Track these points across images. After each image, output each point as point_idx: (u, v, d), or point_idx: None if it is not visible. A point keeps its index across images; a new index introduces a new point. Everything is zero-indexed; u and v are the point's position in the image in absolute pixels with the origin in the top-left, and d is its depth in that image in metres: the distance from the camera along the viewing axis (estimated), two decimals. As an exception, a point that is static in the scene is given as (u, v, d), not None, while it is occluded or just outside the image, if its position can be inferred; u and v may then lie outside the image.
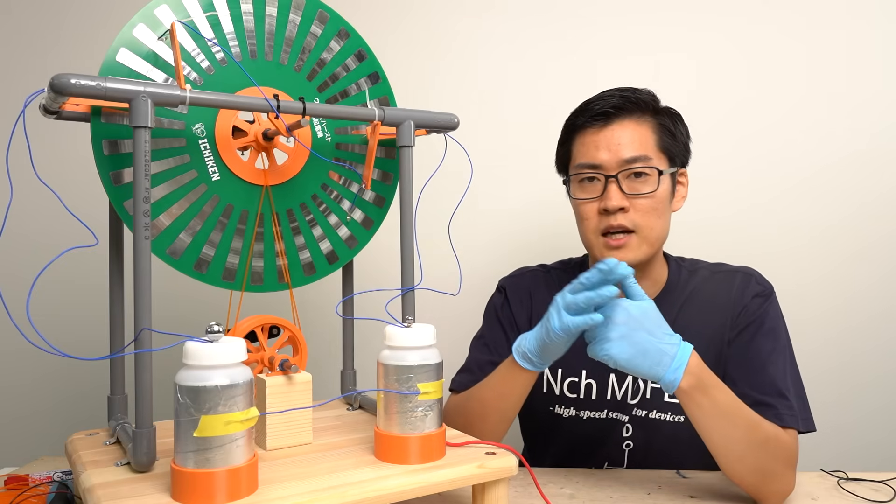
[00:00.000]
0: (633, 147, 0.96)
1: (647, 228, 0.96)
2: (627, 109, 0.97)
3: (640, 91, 1.00)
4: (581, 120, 1.00)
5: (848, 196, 1.42)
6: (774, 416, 0.88)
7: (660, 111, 1.00)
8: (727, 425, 0.83)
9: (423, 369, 0.72)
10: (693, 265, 1.07)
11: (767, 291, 1.00)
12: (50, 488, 0.85)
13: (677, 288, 1.04)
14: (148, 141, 0.66)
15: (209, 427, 0.59)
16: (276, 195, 0.85)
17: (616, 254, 0.96)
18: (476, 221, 1.46)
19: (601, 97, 1.00)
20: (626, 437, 1.03)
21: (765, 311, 0.98)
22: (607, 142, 0.97)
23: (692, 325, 1.00)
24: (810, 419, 0.93)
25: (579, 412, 1.04)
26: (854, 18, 1.41)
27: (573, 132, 1.02)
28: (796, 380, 0.95)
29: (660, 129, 0.98)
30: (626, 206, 0.95)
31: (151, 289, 0.66)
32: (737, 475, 0.86)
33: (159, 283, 0.83)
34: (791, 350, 0.97)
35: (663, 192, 0.97)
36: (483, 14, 1.47)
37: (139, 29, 0.76)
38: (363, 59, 0.91)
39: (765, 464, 0.84)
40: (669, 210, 1.00)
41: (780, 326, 0.98)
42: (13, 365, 1.45)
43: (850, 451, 1.41)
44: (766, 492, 0.86)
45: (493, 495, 0.74)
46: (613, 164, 0.96)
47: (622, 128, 0.97)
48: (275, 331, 0.81)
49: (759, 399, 0.91)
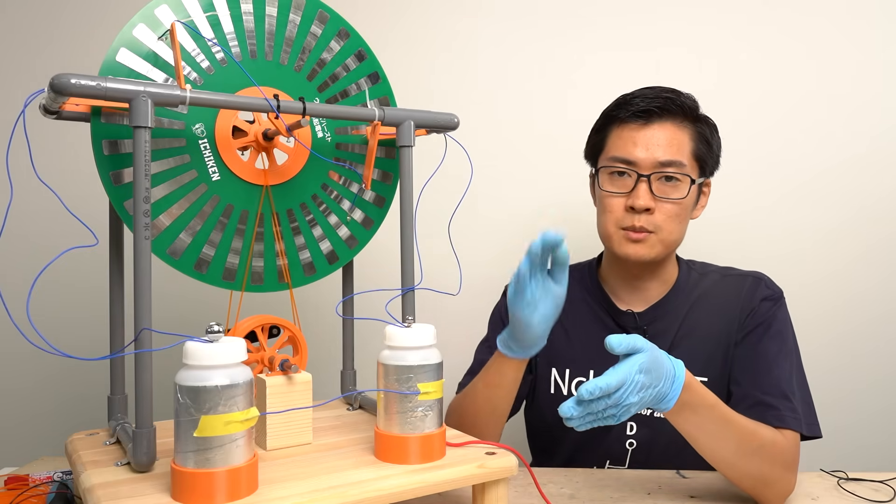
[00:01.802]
0: (671, 151, 0.96)
1: (667, 231, 0.97)
2: (670, 111, 0.97)
3: (684, 95, 1.00)
4: (622, 113, 0.99)
5: (849, 199, 1.41)
6: (775, 417, 0.88)
7: (700, 119, 1.00)
8: (715, 438, 0.82)
9: (423, 369, 0.72)
10: (703, 268, 1.08)
11: (777, 295, 1.00)
12: (50, 488, 0.85)
13: (686, 289, 1.04)
14: (148, 141, 0.66)
15: (209, 427, 0.59)
16: (276, 195, 0.85)
17: (632, 247, 0.97)
18: (476, 221, 1.46)
19: (644, 94, 0.99)
20: (630, 436, 1.03)
21: (773, 314, 0.98)
22: (646, 140, 0.96)
23: (700, 326, 1.00)
24: (816, 425, 0.92)
25: None
26: (854, 18, 1.40)
27: (611, 123, 1.01)
28: (803, 384, 0.95)
29: (697, 137, 0.99)
30: (652, 206, 0.96)
31: (151, 289, 0.66)
32: (733, 480, 0.86)
33: (159, 283, 0.83)
34: (798, 355, 0.97)
35: (689, 200, 0.98)
36: (483, 13, 1.47)
37: (139, 29, 0.76)
38: (363, 59, 0.91)
39: (760, 470, 0.84)
40: (689, 217, 1.01)
41: (788, 331, 0.98)
42: (13, 365, 1.45)
43: (850, 452, 1.41)
44: (766, 494, 0.85)
45: (493, 495, 0.74)
46: (648, 164, 0.96)
47: (662, 129, 0.97)
48: (275, 331, 0.81)
49: (761, 399, 0.90)
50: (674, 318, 1.02)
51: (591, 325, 1.04)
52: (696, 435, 0.82)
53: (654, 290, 1.04)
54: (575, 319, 1.05)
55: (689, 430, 0.82)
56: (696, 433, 0.82)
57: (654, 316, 1.03)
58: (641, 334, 0.93)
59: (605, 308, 1.06)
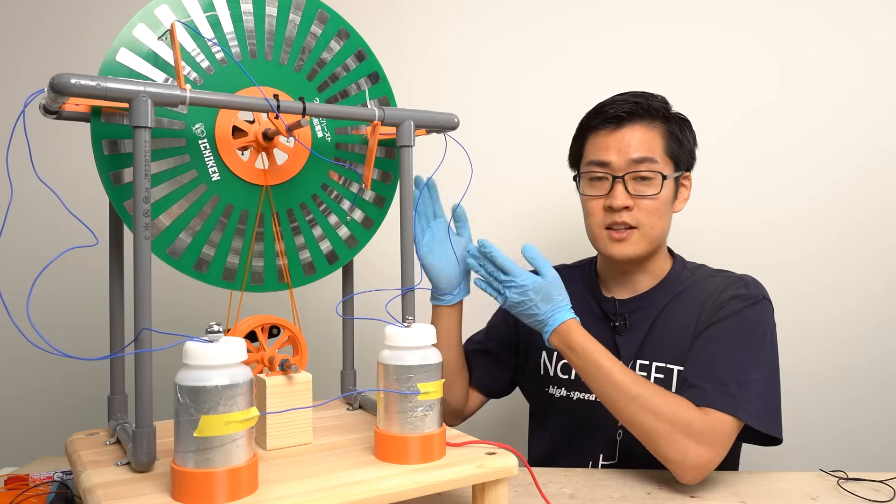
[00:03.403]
0: (642, 150, 1.02)
1: (649, 227, 1.02)
2: (639, 115, 1.03)
3: (653, 97, 1.06)
4: (595, 121, 1.06)
5: (862, 202, 1.41)
6: (697, 396, 0.90)
7: (670, 118, 1.05)
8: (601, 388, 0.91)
9: (423, 369, 0.72)
10: (698, 268, 1.10)
11: (753, 297, 0.99)
12: (50, 488, 0.85)
13: (672, 284, 1.07)
14: (148, 141, 0.66)
15: (209, 427, 0.59)
16: (276, 195, 0.85)
17: (617, 246, 1.03)
18: (476, 221, 1.45)
19: (615, 101, 1.06)
20: (619, 427, 1.04)
21: (741, 312, 0.97)
22: (618, 144, 1.03)
23: (675, 318, 1.04)
24: (774, 424, 0.92)
25: (570, 393, 1.08)
26: (864, 16, 1.40)
27: (587, 132, 1.08)
28: (766, 385, 0.93)
29: (668, 135, 1.04)
30: (630, 205, 1.02)
31: (151, 289, 0.66)
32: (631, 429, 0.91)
33: (159, 283, 0.83)
34: (766, 357, 0.95)
35: (666, 195, 1.03)
36: (484, 13, 1.47)
37: (139, 29, 0.76)
38: (363, 59, 0.91)
39: (651, 439, 0.88)
40: (671, 211, 1.06)
41: (757, 332, 0.97)
42: (13, 365, 1.45)
43: (850, 452, 1.41)
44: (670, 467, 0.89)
45: (493, 495, 0.74)
46: (621, 166, 1.02)
47: (633, 131, 1.03)
48: (275, 331, 0.81)
49: (693, 382, 0.93)
50: (653, 310, 1.06)
51: (580, 312, 1.06)
52: (582, 376, 0.93)
53: (642, 283, 1.08)
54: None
55: (576, 369, 0.94)
56: (581, 374, 0.93)
57: (635, 305, 1.07)
58: (620, 321, 1.07)
59: (594, 296, 1.12)
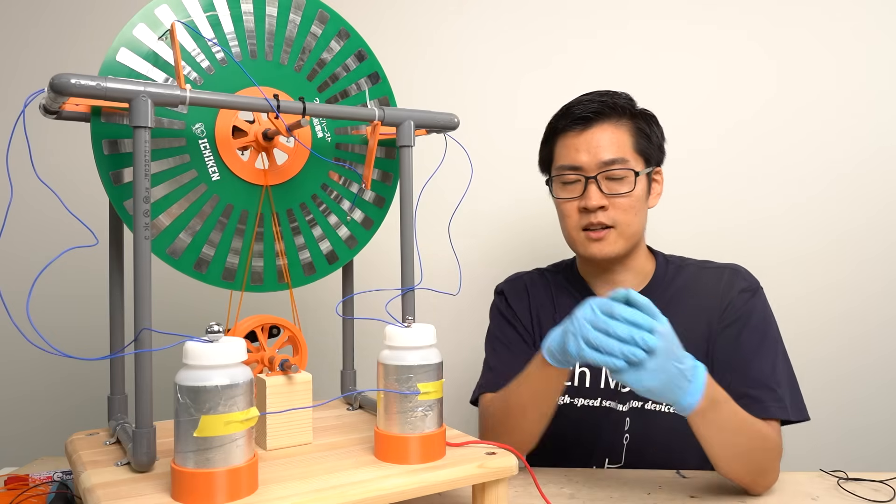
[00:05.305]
0: (611, 150, 1.02)
1: (625, 224, 1.02)
2: (606, 114, 1.03)
3: (618, 95, 1.06)
4: (562, 123, 1.06)
5: (861, 202, 1.41)
6: (760, 410, 0.91)
7: (636, 114, 1.06)
8: (732, 435, 0.84)
9: (423, 369, 0.72)
10: (681, 262, 1.11)
11: (754, 286, 1.03)
12: (50, 488, 0.85)
13: (663, 283, 1.08)
14: (148, 141, 0.66)
15: (209, 427, 0.59)
16: (276, 195, 0.85)
17: (595, 246, 1.02)
18: (476, 221, 1.46)
19: (581, 101, 1.05)
20: (626, 431, 1.03)
21: (752, 305, 1.01)
22: (587, 145, 1.02)
23: (679, 320, 1.00)
24: (803, 409, 0.96)
25: (573, 399, 1.07)
26: (865, 16, 1.40)
27: (555, 135, 1.08)
28: (787, 371, 0.98)
29: (636, 132, 1.04)
30: (605, 204, 1.01)
31: (151, 289, 0.66)
32: (731, 474, 0.88)
33: (159, 283, 0.83)
34: (780, 343, 1.00)
35: (640, 192, 1.03)
36: (484, 13, 1.47)
37: (139, 29, 0.76)
38: (363, 59, 0.91)
39: (760, 463, 0.88)
40: (646, 207, 1.07)
41: (769, 320, 1.01)
42: (13, 365, 1.45)
43: (850, 452, 1.41)
44: (759, 483, 0.89)
45: (493, 495, 0.74)
46: (593, 166, 1.02)
47: (601, 131, 1.03)
48: (275, 331, 0.81)
49: (745, 392, 0.93)
50: None
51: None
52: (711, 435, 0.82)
53: (629, 282, 1.08)
54: (565, 312, 1.06)
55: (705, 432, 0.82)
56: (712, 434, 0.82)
57: None
58: None
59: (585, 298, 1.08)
